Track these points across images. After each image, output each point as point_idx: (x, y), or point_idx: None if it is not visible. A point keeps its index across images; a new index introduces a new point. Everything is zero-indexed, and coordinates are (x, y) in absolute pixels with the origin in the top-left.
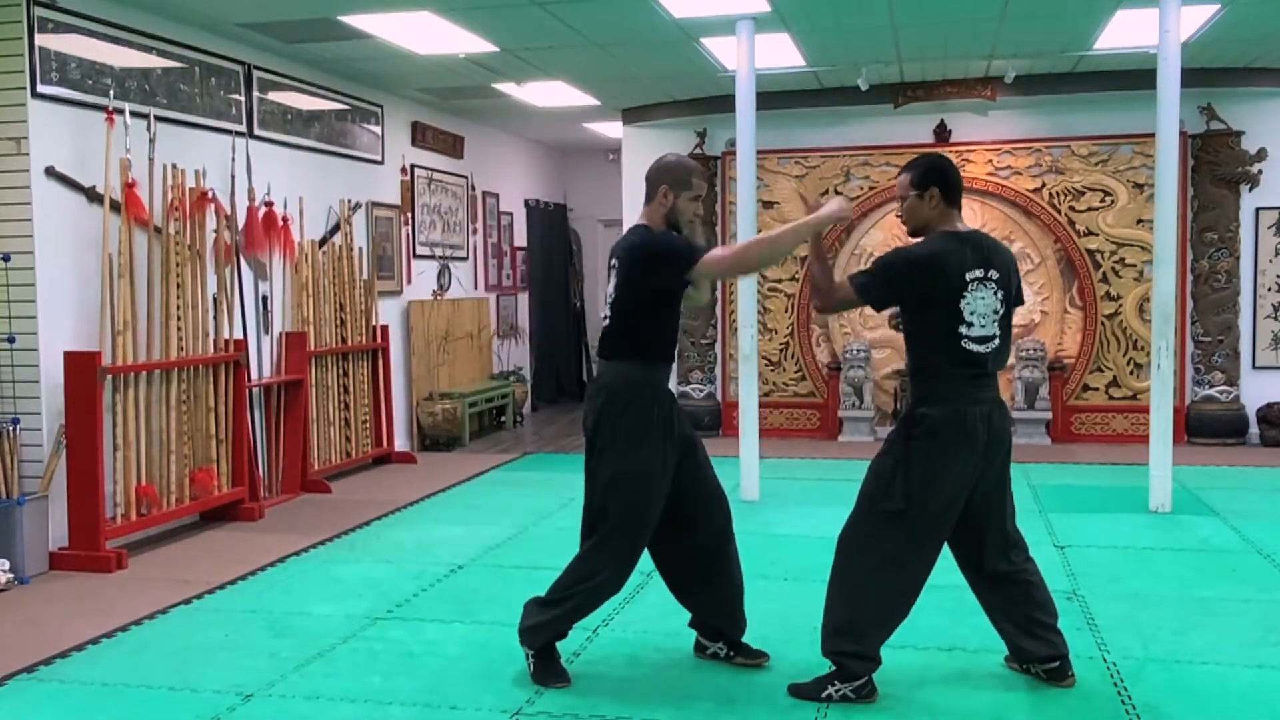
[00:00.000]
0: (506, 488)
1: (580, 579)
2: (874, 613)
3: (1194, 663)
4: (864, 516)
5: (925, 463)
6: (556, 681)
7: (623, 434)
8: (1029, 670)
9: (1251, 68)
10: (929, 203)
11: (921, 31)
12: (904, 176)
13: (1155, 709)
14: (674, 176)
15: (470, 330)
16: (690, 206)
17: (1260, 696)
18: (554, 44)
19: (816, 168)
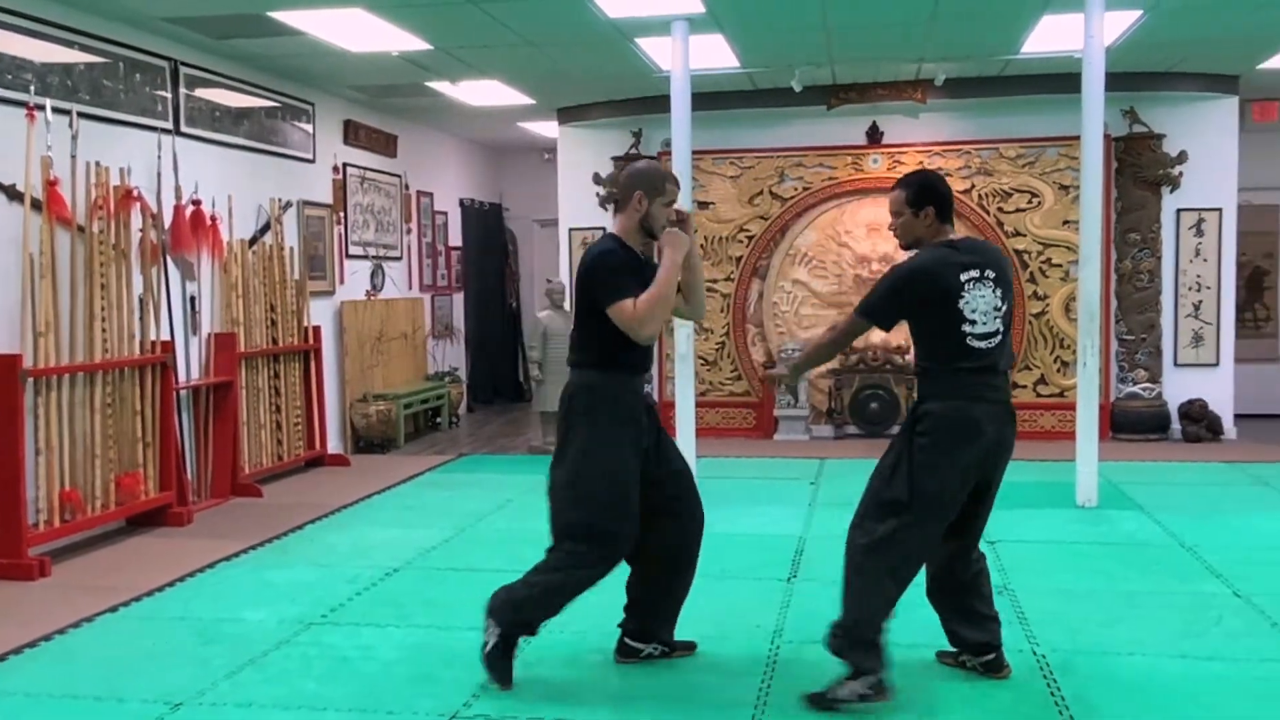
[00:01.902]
0: (442, 490)
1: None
2: (881, 608)
3: (1120, 654)
4: (870, 515)
5: (926, 456)
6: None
7: (588, 440)
8: (963, 664)
9: (1172, 72)
10: (923, 220)
11: (853, 34)
12: (899, 193)
13: (1084, 700)
14: (647, 182)
15: (405, 331)
16: (664, 212)
17: (1185, 687)
18: (488, 43)
19: (751, 168)
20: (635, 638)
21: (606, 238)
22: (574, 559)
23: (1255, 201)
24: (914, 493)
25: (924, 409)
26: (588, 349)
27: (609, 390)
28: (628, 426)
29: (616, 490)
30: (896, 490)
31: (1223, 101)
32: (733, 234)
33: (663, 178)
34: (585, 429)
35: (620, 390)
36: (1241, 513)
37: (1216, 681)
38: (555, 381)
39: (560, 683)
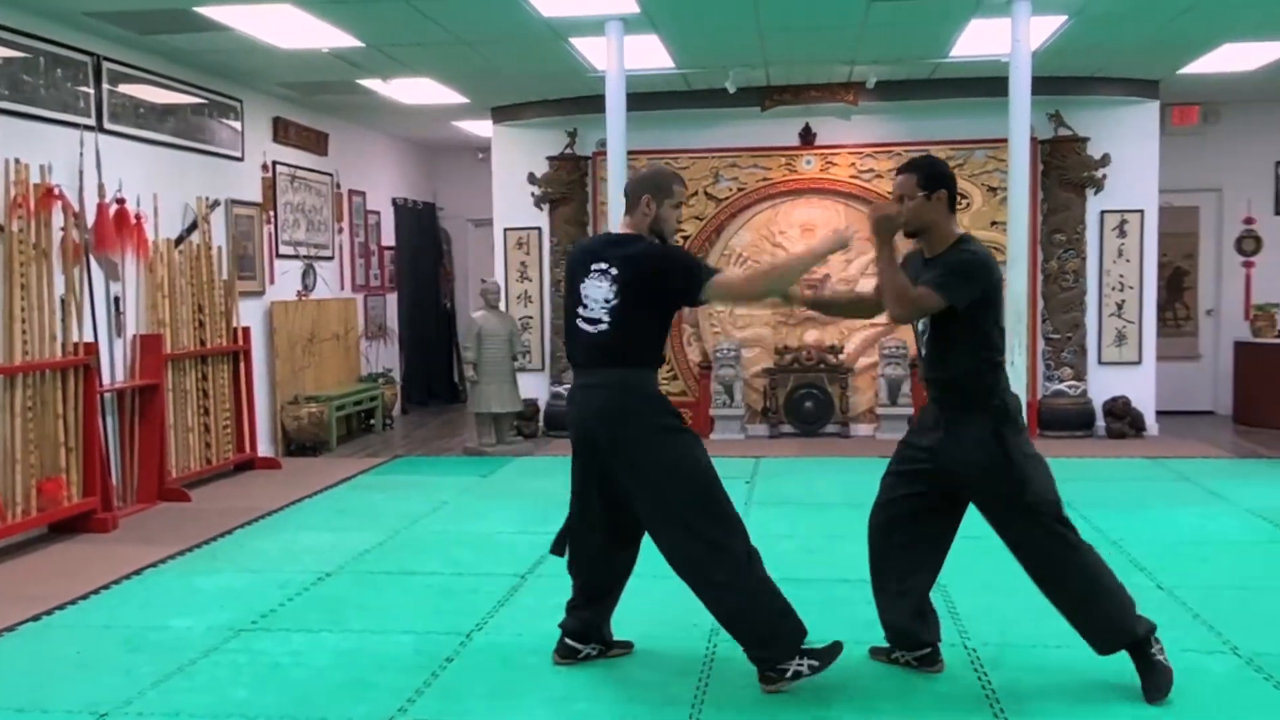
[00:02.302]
0: (376, 492)
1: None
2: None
3: (1049, 647)
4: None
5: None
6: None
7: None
8: (896, 660)
9: (1096, 77)
10: (936, 204)
11: (787, 36)
12: (908, 178)
13: (1013, 693)
14: (656, 185)
15: (337, 331)
16: (673, 214)
17: (1111, 678)
18: (420, 40)
19: (686, 169)
20: (579, 639)
21: (636, 236)
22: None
23: (1175, 203)
24: (1035, 475)
25: (1003, 402)
26: (635, 346)
27: (656, 390)
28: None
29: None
30: (1049, 492)
31: (1144, 106)
32: None
33: (670, 180)
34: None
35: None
36: (1164, 507)
37: (1136, 665)
38: (491, 382)
39: (497, 685)
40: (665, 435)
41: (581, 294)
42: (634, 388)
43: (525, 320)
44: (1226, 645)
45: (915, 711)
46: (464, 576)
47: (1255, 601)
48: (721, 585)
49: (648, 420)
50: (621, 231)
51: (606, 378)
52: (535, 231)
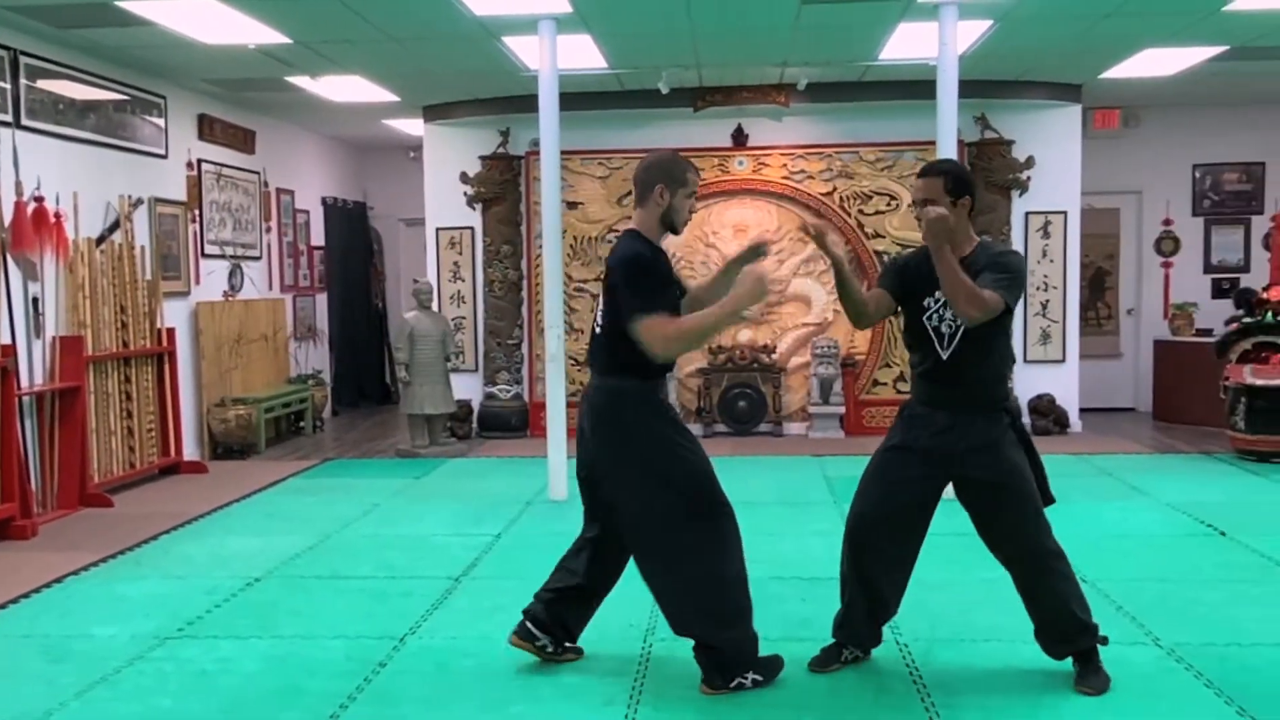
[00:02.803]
0: (306, 495)
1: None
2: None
3: (978, 641)
4: (1043, 525)
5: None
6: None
7: (655, 441)
8: (845, 660)
9: (1020, 81)
10: (959, 211)
11: (719, 37)
12: (934, 181)
13: (944, 686)
14: (669, 174)
15: (265, 332)
16: (687, 204)
17: (1038, 670)
18: (350, 38)
19: (620, 169)
20: (541, 627)
21: (633, 236)
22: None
23: (1097, 205)
24: (1045, 483)
25: (1013, 402)
26: (618, 352)
27: (645, 399)
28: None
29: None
30: (1035, 492)
31: (1067, 109)
32: (602, 234)
33: (684, 168)
34: (657, 436)
35: (654, 397)
36: (1087, 502)
37: (1067, 664)
38: (423, 383)
39: (431, 689)
40: (650, 443)
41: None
42: (623, 393)
43: (458, 321)
44: (1148, 637)
45: (849, 707)
46: (397, 580)
47: (1175, 594)
48: (689, 600)
49: (634, 426)
50: (630, 228)
51: (601, 381)
52: (468, 231)
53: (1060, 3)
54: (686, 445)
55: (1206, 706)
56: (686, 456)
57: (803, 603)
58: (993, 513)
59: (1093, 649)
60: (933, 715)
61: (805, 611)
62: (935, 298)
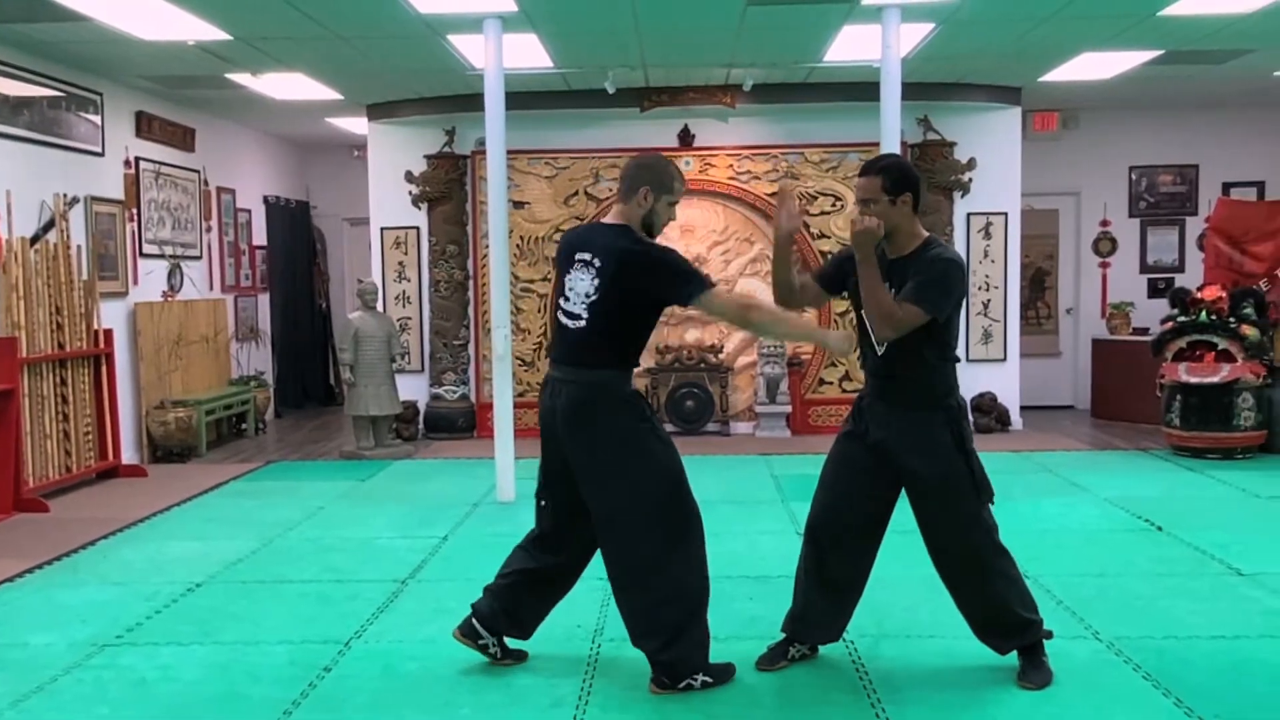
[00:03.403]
0: (248, 499)
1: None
2: (1026, 591)
3: (922, 637)
4: (980, 517)
5: (972, 444)
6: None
7: (631, 441)
8: (792, 658)
9: (962, 83)
10: (900, 208)
11: (665, 38)
12: (871, 180)
13: (889, 683)
14: (657, 178)
15: (206, 333)
16: (668, 211)
17: (982, 666)
18: (292, 35)
19: (567, 169)
20: (489, 625)
21: (626, 229)
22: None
23: (1036, 206)
24: (985, 479)
25: (956, 401)
26: (613, 345)
27: (631, 393)
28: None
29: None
30: (986, 488)
31: (1007, 112)
32: (549, 234)
33: (672, 175)
34: (639, 432)
35: (634, 389)
36: (1029, 498)
37: (1008, 658)
38: (368, 384)
39: (377, 694)
40: (627, 442)
41: (565, 286)
42: (603, 389)
43: (404, 321)
44: (1088, 630)
45: (796, 704)
46: (342, 583)
47: (1114, 588)
48: (650, 602)
49: (612, 425)
50: (610, 221)
51: (579, 376)
52: (413, 231)
53: (1000, 7)
54: (662, 443)
55: (1145, 699)
56: (660, 456)
57: (750, 601)
58: (925, 509)
59: (1037, 644)
60: (879, 711)
61: (753, 610)
62: None
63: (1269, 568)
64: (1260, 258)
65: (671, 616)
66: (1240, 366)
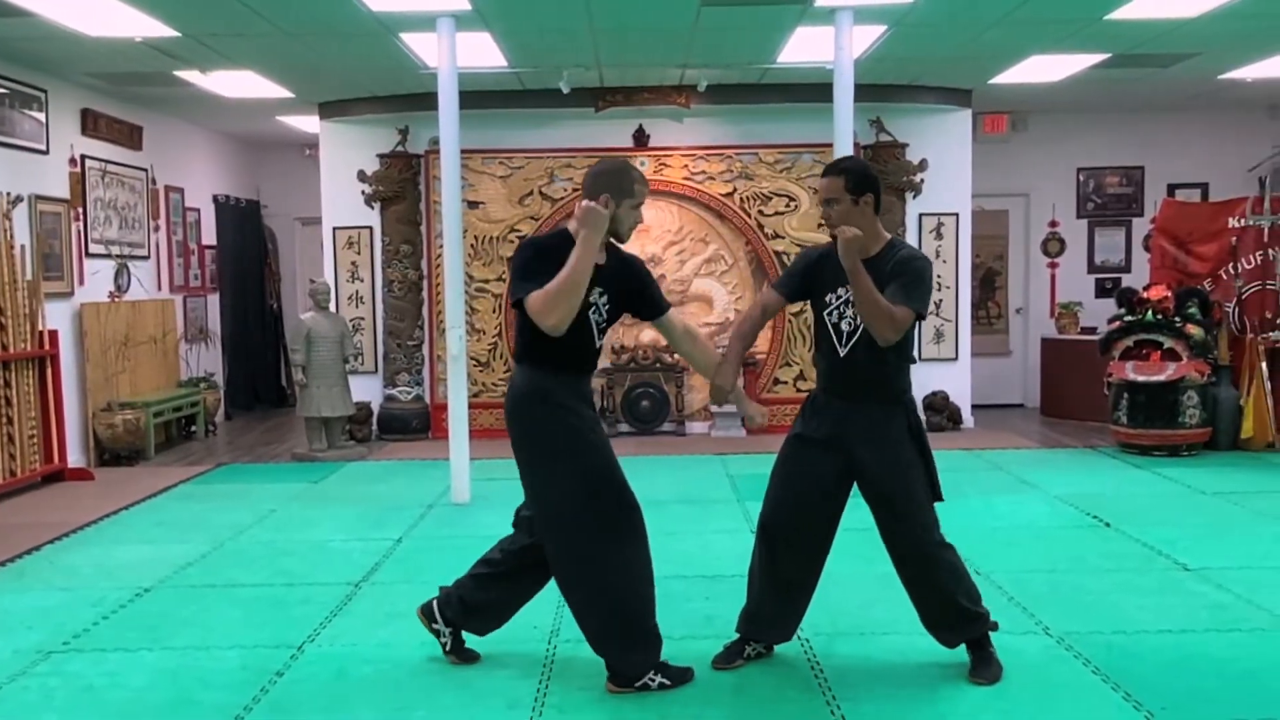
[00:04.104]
0: (198, 502)
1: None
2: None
3: (877, 634)
4: (927, 516)
5: (927, 443)
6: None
7: (539, 444)
8: (748, 657)
9: (914, 85)
10: (862, 209)
11: (619, 38)
12: (833, 180)
13: (844, 680)
14: (614, 184)
15: (154, 334)
16: (632, 215)
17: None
18: (241, 31)
19: (521, 168)
20: (441, 606)
21: (555, 230)
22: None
23: (987, 207)
24: (936, 479)
25: (911, 397)
26: (526, 346)
27: (541, 392)
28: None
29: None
30: (928, 482)
31: (958, 114)
32: (503, 234)
33: (632, 179)
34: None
35: (554, 390)
36: (980, 495)
37: (960, 654)
38: (320, 385)
39: (331, 698)
40: (539, 439)
41: None
42: (515, 385)
43: (357, 321)
44: (1039, 626)
45: (751, 703)
46: (294, 587)
47: (1063, 583)
48: (583, 599)
49: (524, 422)
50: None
51: (512, 375)
52: (366, 230)
53: (950, 10)
54: (588, 443)
55: (1095, 693)
56: (588, 455)
57: (706, 601)
58: (880, 505)
59: (984, 637)
60: (834, 708)
61: (708, 609)
62: (838, 294)
63: (1214, 562)
64: (1204, 258)
65: (619, 632)
66: (1185, 365)
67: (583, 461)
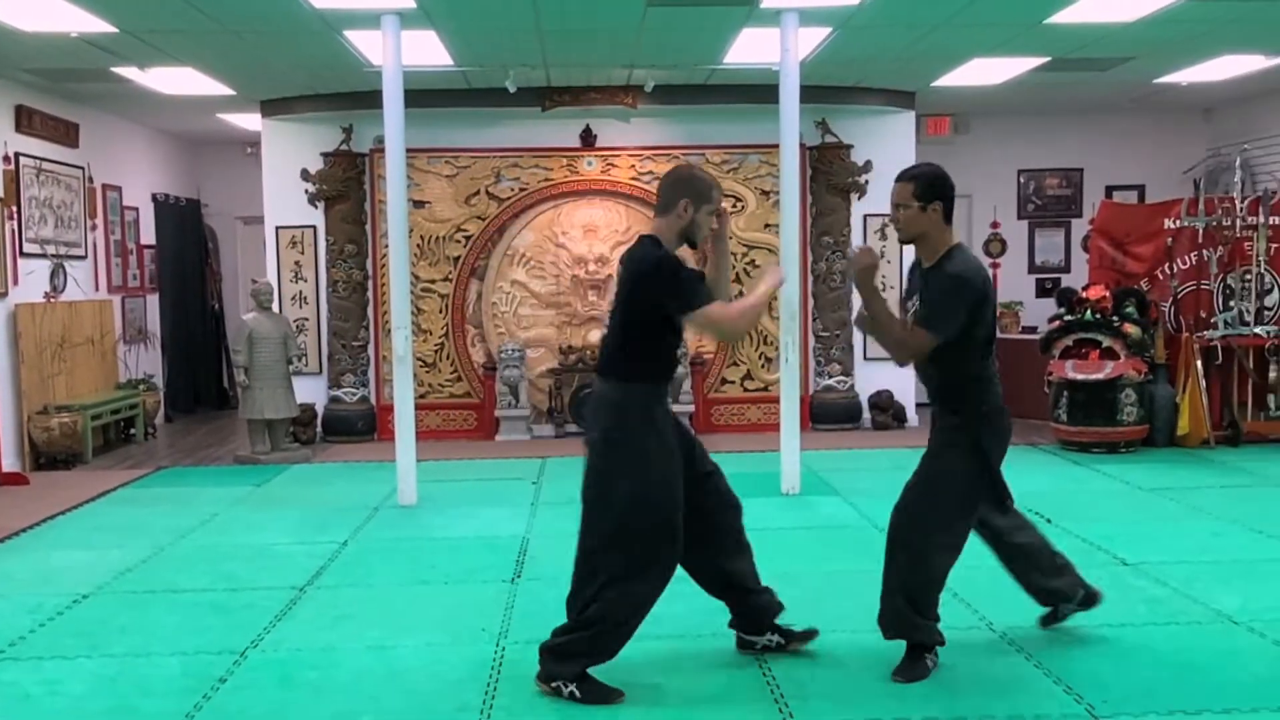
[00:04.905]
0: (138, 506)
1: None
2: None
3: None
4: (930, 515)
5: (994, 456)
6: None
7: (635, 454)
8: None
9: (859, 87)
10: (930, 215)
11: (566, 37)
12: (904, 186)
13: (793, 679)
14: (695, 190)
15: (91, 335)
16: (708, 221)
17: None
18: (180, 28)
19: (468, 168)
20: (748, 631)
21: (653, 241)
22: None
23: None
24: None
25: (988, 409)
26: (629, 356)
27: (646, 405)
28: (666, 435)
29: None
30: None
31: (902, 115)
32: (450, 234)
33: (710, 186)
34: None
35: (655, 403)
36: None
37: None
38: (263, 387)
39: (275, 704)
40: (611, 447)
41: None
42: (613, 399)
43: (301, 322)
44: (982, 621)
45: (701, 703)
46: (237, 592)
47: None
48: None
49: (604, 430)
50: (646, 234)
51: (602, 387)
52: (310, 230)
53: (893, 13)
54: (662, 470)
55: (1037, 686)
56: (657, 485)
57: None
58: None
59: (921, 646)
60: (782, 706)
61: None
62: (914, 302)
63: (1152, 557)
64: (1141, 258)
65: (586, 628)
66: (1123, 363)
67: (656, 486)
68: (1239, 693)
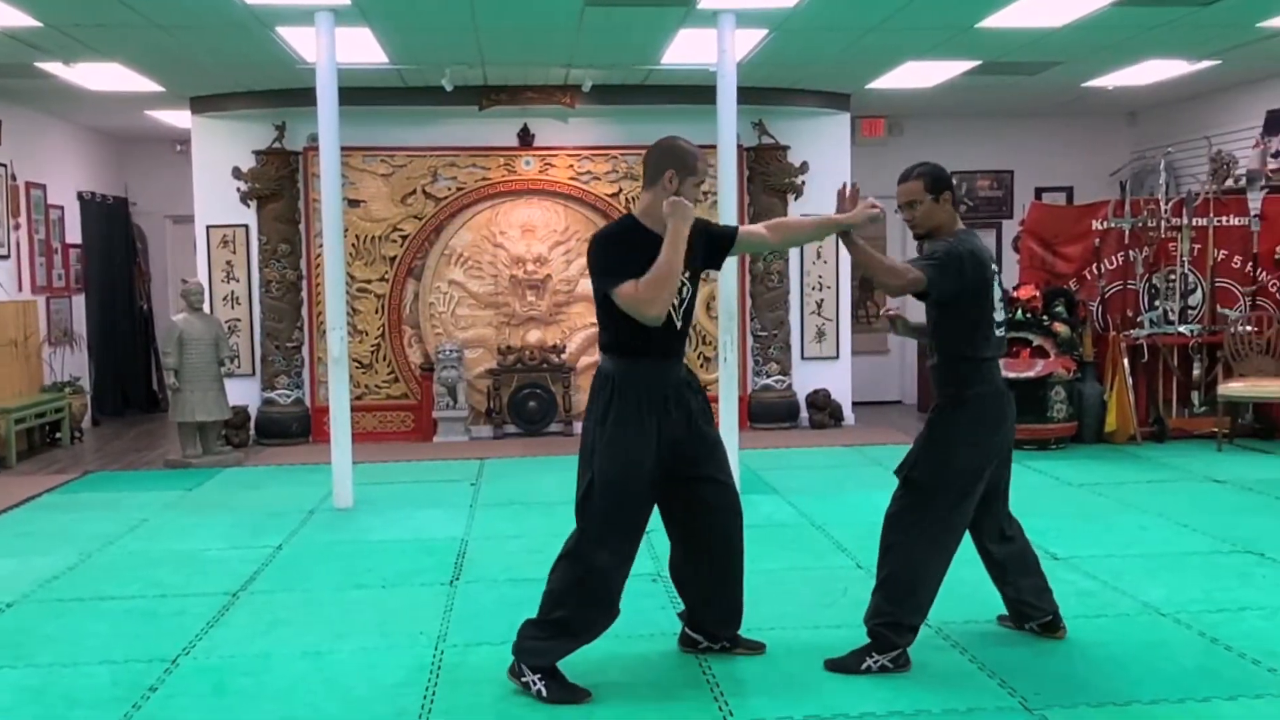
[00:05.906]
0: (64, 512)
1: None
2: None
3: (763, 629)
4: (906, 504)
5: (981, 438)
6: (567, 697)
7: (606, 428)
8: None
9: (795, 89)
10: (944, 205)
11: (503, 35)
12: (912, 184)
13: (731, 676)
14: (680, 161)
15: (14, 337)
16: (694, 194)
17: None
18: (106, 22)
19: (404, 167)
20: (695, 630)
21: (622, 220)
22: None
23: None
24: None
25: (972, 393)
26: (604, 331)
27: (625, 380)
28: (646, 415)
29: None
30: (922, 477)
31: (837, 117)
32: (386, 233)
33: (695, 156)
34: (606, 421)
35: (638, 379)
36: (861, 491)
37: (845, 647)
38: (194, 389)
39: (208, 712)
40: (594, 425)
41: None
42: (604, 370)
43: (233, 323)
44: None
45: (639, 700)
46: (168, 598)
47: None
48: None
49: (600, 411)
50: (636, 211)
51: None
52: (242, 229)
53: (828, 16)
54: (625, 450)
55: (971, 680)
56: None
57: None
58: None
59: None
60: (722, 705)
61: None
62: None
63: (1081, 551)
64: (1070, 259)
65: (555, 617)
66: (1053, 362)
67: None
68: (1166, 683)
